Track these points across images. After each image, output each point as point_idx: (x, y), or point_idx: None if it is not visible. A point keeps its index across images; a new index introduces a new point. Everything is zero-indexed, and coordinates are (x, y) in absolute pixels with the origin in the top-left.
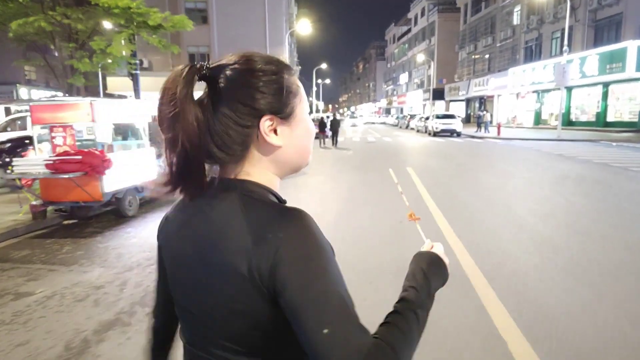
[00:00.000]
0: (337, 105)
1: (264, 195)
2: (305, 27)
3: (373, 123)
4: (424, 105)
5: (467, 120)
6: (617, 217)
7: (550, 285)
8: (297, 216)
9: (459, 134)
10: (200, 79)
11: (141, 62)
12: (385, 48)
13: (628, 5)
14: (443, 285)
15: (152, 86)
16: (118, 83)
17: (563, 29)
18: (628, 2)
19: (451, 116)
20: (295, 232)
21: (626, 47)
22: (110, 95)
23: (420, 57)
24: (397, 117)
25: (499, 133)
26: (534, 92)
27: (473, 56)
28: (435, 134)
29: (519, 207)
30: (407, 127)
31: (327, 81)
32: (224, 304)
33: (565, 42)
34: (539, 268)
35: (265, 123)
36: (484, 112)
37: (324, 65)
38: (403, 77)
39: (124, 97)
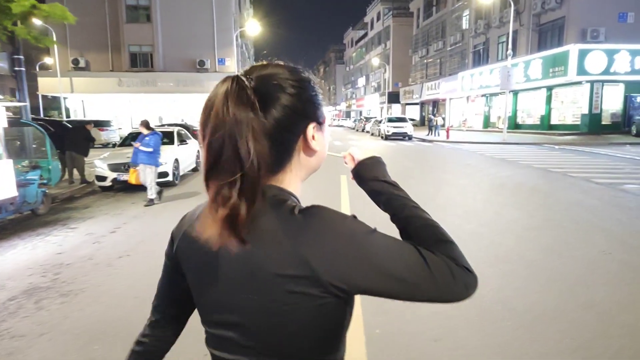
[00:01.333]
0: None
1: (291, 201)
2: (254, 27)
3: (329, 125)
4: (382, 108)
5: (422, 123)
6: (549, 237)
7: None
8: (322, 214)
9: (410, 138)
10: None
11: (77, 62)
12: (344, 52)
13: (570, 9)
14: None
15: (89, 87)
16: (49, 84)
17: (509, 34)
18: (570, 6)
19: (403, 119)
20: (329, 227)
21: (568, 50)
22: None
23: (376, 61)
24: (355, 120)
25: (448, 136)
26: (482, 95)
27: (425, 60)
28: (387, 138)
29: (444, 223)
30: (363, 130)
31: None
32: (274, 313)
33: (510, 46)
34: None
35: (310, 130)
36: (435, 116)
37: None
38: (361, 81)
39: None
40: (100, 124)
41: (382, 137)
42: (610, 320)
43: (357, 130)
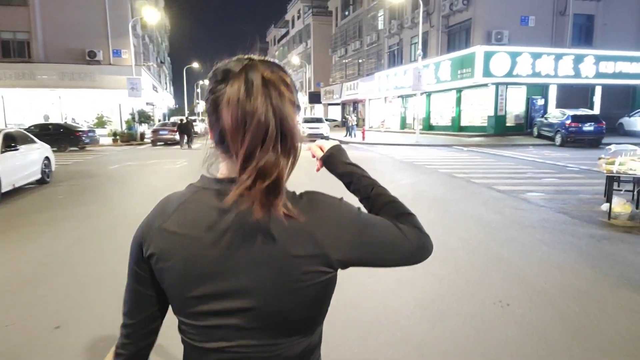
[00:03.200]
0: None
1: (285, 188)
2: (153, 15)
3: None
4: (304, 108)
5: (343, 124)
6: (433, 281)
7: None
8: (321, 198)
9: (326, 139)
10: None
11: None
12: (268, 50)
13: (476, 11)
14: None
15: None
16: None
17: (420, 35)
18: (476, 8)
19: (318, 120)
20: (330, 209)
21: (474, 52)
22: None
23: (296, 60)
24: None
25: (363, 138)
26: (399, 97)
27: (344, 60)
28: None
29: None
30: None
31: (206, 82)
32: (288, 292)
33: (420, 47)
34: None
35: (298, 116)
36: (350, 116)
37: (195, 65)
38: None
39: None
40: None
41: None
42: None
43: None
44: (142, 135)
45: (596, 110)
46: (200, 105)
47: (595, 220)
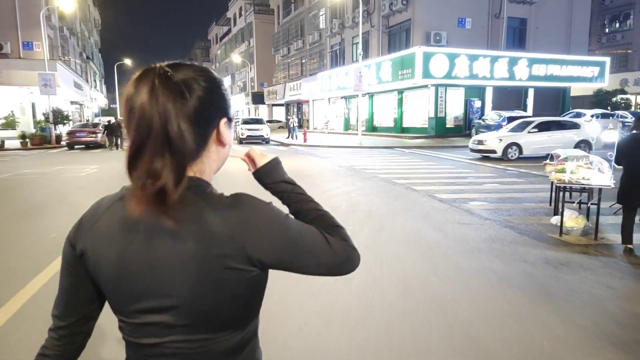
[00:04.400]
0: None
1: (214, 190)
2: (68, 5)
3: None
4: (248, 109)
5: (287, 125)
6: (351, 342)
7: None
8: (247, 200)
9: (267, 141)
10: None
11: None
12: (210, 49)
13: (415, 12)
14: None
15: None
16: None
17: (360, 34)
18: (415, 9)
19: (259, 121)
20: (254, 211)
21: (414, 53)
22: None
23: (238, 59)
24: None
25: (305, 139)
26: (342, 97)
27: (287, 60)
28: (242, 141)
29: None
30: None
31: None
32: (212, 289)
33: (360, 47)
34: None
35: (223, 123)
36: (292, 118)
37: (127, 61)
38: (227, 80)
39: None
40: None
41: (238, 141)
42: None
43: None
44: (59, 138)
45: (529, 112)
46: None
47: (545, 237)
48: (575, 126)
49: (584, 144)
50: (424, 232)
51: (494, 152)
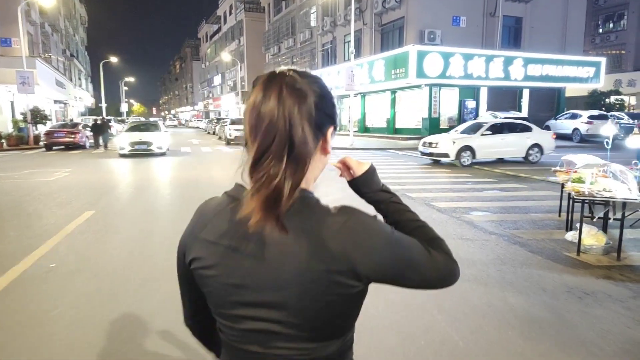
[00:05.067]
0: (159, 108)
1: (320, 201)
2: (48, 0)
3: (175, 126)
4: (239, 109)
5: None
6: None
7: None
8: (357, 215)
9: None
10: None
11: None
12: (199, 47)
13: (409, 9)
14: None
15: None
16: None
17: (353, 33)
18: (408, 6)
19: None
20: (364, 227)
21: (407, 51)
22: None
23: (228, 58)
24: (209, 122)
25: None
26: None
27: (278, 58)
28: (230, 142)
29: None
30: (213, 132)
31: (132, 79)
32: (318, 301)
33: (352, 45)
34: None
35: (330, 131)
36: None
37: (114, 59)
38: (217, 79)
39: None
40: None
41: (226, 142)
42: None
43: (209, 132)
44: (37, 139)
45: (524, 113)
46: (125, 105)
47: (561, 257)
48: (528, 129)
49: (537, 148)
50: None
51: (446, 155)
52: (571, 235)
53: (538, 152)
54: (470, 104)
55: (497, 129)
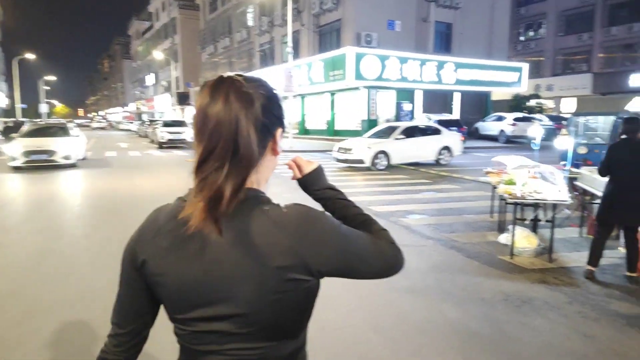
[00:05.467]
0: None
1: (271, 200)
2: None
3: (103, 129)
4: (175, 110)
5: None
6: None
7: None
8: (306, 211)
9: (190, 146)
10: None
11: None
12: (130, 44)
13: (345, 12)
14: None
15: None
16: None
17: (290, 33)
18: (345, 8)
19: (180, 123)
20: (313, 222)
21: (345, 53)
22: None
23: (160, 56)
24: (141, 124)
25: None
26: None
27: (215, 58)
28: (162, 146)
29: None
30: (145, 135)
31: (54, 78)
32: (271, 300)
33: (290, 45)
34: None
35: (279, 133)
36: None
37: (31, 56)
38: (149, 79)
39: None
40: None
41: (157, 145)
42: None
43: (141, 135)
44: None
45: (455, 115)
46: (45, 106)
47: (496, 261)
48: (437, 132)
49: (447, 150)
50: None
51: (361, 162)
52: (504, 238)
53: (448, 155)
54: (407, 106)
55: (409, 132)
